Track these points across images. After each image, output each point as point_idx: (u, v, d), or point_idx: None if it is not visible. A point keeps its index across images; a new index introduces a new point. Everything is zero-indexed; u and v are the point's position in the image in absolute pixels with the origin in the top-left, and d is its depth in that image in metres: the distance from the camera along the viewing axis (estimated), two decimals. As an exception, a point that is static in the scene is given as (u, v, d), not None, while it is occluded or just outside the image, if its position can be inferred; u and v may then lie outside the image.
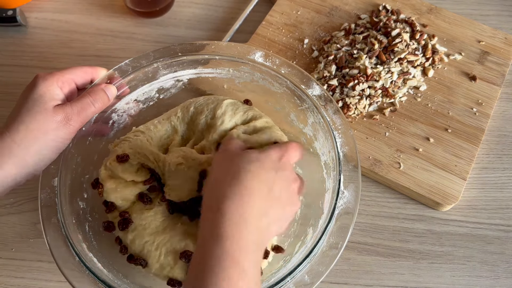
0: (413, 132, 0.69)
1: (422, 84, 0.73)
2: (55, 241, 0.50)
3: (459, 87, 0.73)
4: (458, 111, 0.71)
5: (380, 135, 0.69)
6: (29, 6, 0.83)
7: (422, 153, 0.67)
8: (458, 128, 0.69)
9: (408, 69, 0.72)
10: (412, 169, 0.66)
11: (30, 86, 0.52)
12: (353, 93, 0.69)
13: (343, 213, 0.52)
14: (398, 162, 0.66)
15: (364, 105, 0.69)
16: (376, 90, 0.70)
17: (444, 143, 0.68)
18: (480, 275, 0.62)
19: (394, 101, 0.71)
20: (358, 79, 0.69)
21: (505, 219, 0.65)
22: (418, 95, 0.72)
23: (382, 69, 0.70)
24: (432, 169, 0.66)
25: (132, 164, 0.56)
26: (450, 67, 0.75)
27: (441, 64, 0.75)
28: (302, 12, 0.81)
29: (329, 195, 0.55)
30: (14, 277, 0.60)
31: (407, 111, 0.71)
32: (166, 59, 0.61)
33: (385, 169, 0.66)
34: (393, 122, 0.70)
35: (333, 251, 0.50)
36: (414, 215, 0.65)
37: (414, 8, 0.81)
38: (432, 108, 0.71)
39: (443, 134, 0.69)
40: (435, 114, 0.71)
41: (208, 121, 0.60)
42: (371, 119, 0.70)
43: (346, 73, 0.71)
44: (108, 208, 0.56)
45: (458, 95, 0.72)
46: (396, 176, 0.65)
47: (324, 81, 0.71)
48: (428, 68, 0.74)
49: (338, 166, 0.54)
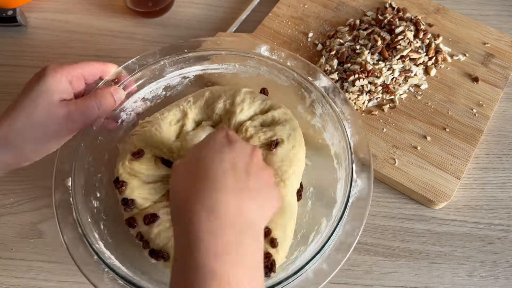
0: (410, 129, 0.69)
1: (423, 83, 0.73)
2: (72, 241, 0.50)
3: (460, 87, 0.73)
4: (457, 111, 0.71)
5: (377, 130, 0.69)
6: (29, 6, 0.83)
7: (418, 150, 0.67)
8: (456, 128, 0.69)
9: (410, 67, 0.72)
10: (407, 165, 0.66)
11: (38, 76, 0.50)
12: (353, 88, 0.69)
13: (357, 200, 0.52)
14: (393, 158, 0.66)
15: (364, 100, 0.70)
16: (376, 86, 0.70)
17: (441, 142, 0.68)
18: (480, 275, 0.62)
19: (394, 98, 0.71)
20: (358, 74, 0.69)
21: (505, 219, 0.65)
22: (419, 93, 0.72)
23: (383, 66, 0.71)
24: (427, 167, 0.66)
25: (148, 157, 0.56)
26: (453, 67, 0.75)
27: (444, 63, 0.75)
28: (309, 6, 0.82)
29: (342, 184, 0.55)
30: (14, 277, 0.60)
31: (406, 108, 0.71)
32: (173, 56, 0.61)
33: (379, 164, 0.66)
34: (392, 119, 0.70)
35: (350, 238, 0.50)
36: (414, 215, 0.65)
37: (422, 7, 0.81)
38: (432, 106, 0.71)
39: (441, 133, 0.69)
40: (435, 113, 0.71)
41: (226, 107, 0.60)
42: (369, 114, 0.70)
43: (348, 68, 0.71)
44: (128, 206, 0.54)
45: (459, 95, 0.72)
46: (390, 171, 0.66)
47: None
48: (431, 67, 0.74)
49: (350, 155, 0.54)
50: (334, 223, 0.51)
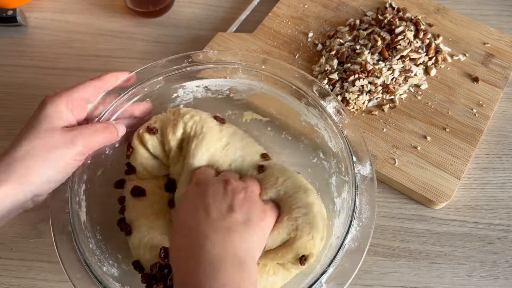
0: (410, 129, 0.69)
1: (423, 83, 0.73)
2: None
3: (460, 87, 0.73)
4: (457, 111, 0.71)
5: (377, 130, 0.69)
6: (29, 6, 0.83)
7: (418, 150, 0.67)
8: (456, 128, 0.69)
9: (410, 67, 0.72)
10: (407, 165, 0.66)
11: (38, 108, 0.50)
12: (353, 88, 0.69)
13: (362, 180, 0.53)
14: (393, 158, 0.66)
15: (364, 100, 0.70)
16: (376, 86, 0.70)
17: (441, 142, 0.68)
18: (480, 275, 0.62)
19: (394, 98, 0.71)
20: (358, 74, 0.69)
21: (505, 219, 0.65)
22: (419, 93, 0.72)
23: (383, 66, 0.71)
24: (427, 167, 0.66)
25: (159, 139, 0.57)
26: (453, 67, 0.75)
27: (444, 64, 0.75)
28: (309, 6, 0.82)
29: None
30: (14, 277, 0.60)
31: (406, 108, 0.71)
32: (250, 65, 0.61)
33: (379, 164, 0.66)
34: (392, 119, 0.70)
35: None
36: (414, 215, 0.65)
37: (422, 7, 0.81)
38: (432, 106, 0.71)
39: (441, 133, 0.69)
40: (435, 113, 0.71)
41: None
42: (369, 114, 0.70)
43: (348, 68, 0.71)
44: (129, 169, 0.58)
45: (459, 95, 0.72)
46: (390, 171, 0.65)
47: (325, 74, 0.72)
48: (431, 67, 0.74)
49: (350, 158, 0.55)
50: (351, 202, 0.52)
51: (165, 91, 0.61)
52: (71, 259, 0.49)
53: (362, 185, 0.53)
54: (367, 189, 0.53)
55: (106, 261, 0.52)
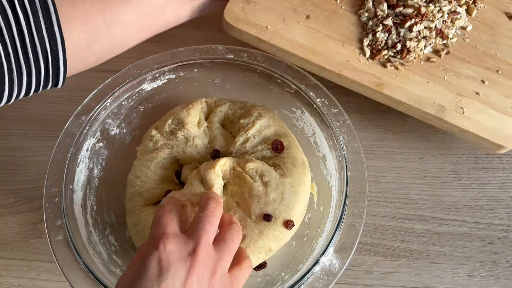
0: (468, 75, 0.67)
1: (468, 24, 0.70)
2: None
3: (500, 27, 0.71)
4: (504, 51, 0.69)
5: (439, 79, 0.66)
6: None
7: (480, 96, 0.65)
8: (507, 69, 0.67)
9: (455, 8, 0.69)
10: (475, 113, 0.64)
11: None
12: (411, 34, 0.66)
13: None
14: (461, 107, 0.64)
15: (421, 47, 0.67)
16: (431, 31, 0.67)
17: (497, 85, 0.66)
18: (480, 275, 0.62)
19: (447, 42, 0.69)
20: (414, 18, 0.66)
21: (505, 219, 0.65)
22: (466, 36, 0.70)
23: (434, 8, 0.68)
24: (491, 113, 0.64)
25: (170, 125, 0.61)
26: (489, 6, 0.72)
27: (482, 3, 0.72)
28: None
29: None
30: (14, 277, 0.60)
31: (459, 52, 0.68)
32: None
33: (449, 115, 0.64)
34: (449, 65, 0.67)
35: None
36: (414, 215, 0.65)
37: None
38: (480, 49, 0.69)
39: (495, 76, 0.67)
40: (484, 55, 0.68)
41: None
42: (428, 62, 0.67)
43: (400, 12, 0.67)
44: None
45: (501, 35, 0.70)
46: (461, 122, 0.63)
47: (377, 20, 0.67)
48: (472, 8, 0.71)
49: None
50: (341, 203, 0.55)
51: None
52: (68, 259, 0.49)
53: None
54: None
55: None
